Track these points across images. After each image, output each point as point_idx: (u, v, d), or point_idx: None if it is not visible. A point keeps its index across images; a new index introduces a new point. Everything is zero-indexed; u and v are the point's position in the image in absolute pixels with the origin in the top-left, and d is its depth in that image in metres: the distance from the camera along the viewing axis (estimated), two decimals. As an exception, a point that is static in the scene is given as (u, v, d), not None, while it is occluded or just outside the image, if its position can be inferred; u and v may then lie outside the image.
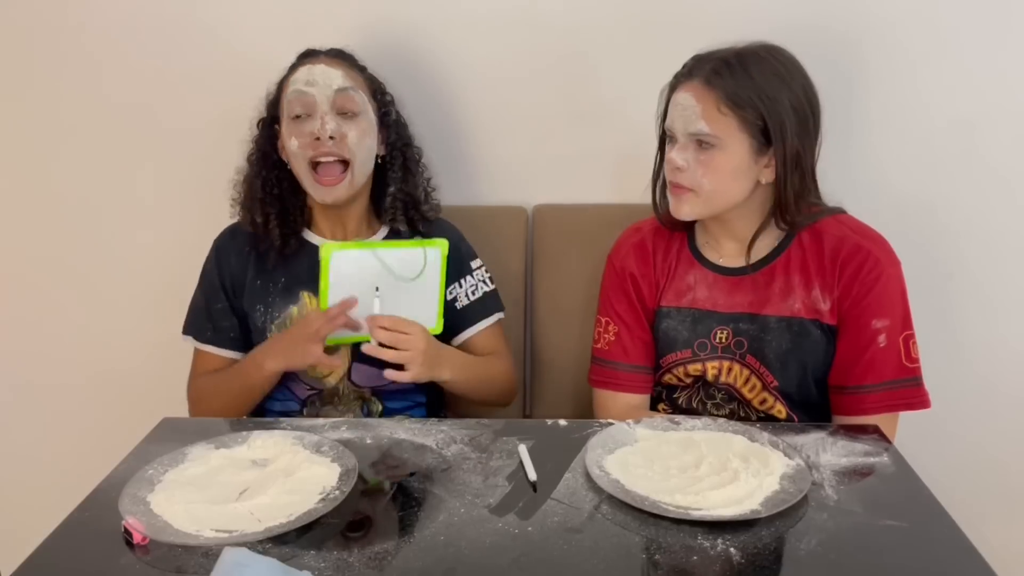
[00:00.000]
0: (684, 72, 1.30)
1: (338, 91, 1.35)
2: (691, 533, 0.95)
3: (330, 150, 1.35)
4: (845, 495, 1.03)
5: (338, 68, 1.38)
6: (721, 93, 1.24)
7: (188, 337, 1.48)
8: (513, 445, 1.16)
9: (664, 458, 1.12)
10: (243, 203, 1.47)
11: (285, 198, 1.45)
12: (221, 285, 1.45)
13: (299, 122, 1.36)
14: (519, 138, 1.70)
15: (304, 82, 1.35)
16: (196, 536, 0.94)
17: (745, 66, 1.25)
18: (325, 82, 1.35)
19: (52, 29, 1.67)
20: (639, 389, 1.42)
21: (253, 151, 1.46)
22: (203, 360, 1.47)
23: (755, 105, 1.24)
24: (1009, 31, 1.56)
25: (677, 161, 1.28)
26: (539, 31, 1.63)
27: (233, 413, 1.40)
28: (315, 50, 1.44)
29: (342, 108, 1.36)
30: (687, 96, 1.27)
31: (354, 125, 1.37)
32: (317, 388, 1.45)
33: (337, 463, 1.09)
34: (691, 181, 1.28)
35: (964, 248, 1.68)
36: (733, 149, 1.26)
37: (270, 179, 1.44)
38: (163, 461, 1.10)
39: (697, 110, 1.25)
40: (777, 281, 1.34)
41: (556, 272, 1.67)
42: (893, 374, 1.28)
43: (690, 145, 1.28)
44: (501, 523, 0.98)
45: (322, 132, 1.34)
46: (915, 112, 1.62)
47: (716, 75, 1.25)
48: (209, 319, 1.45)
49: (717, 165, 1.27)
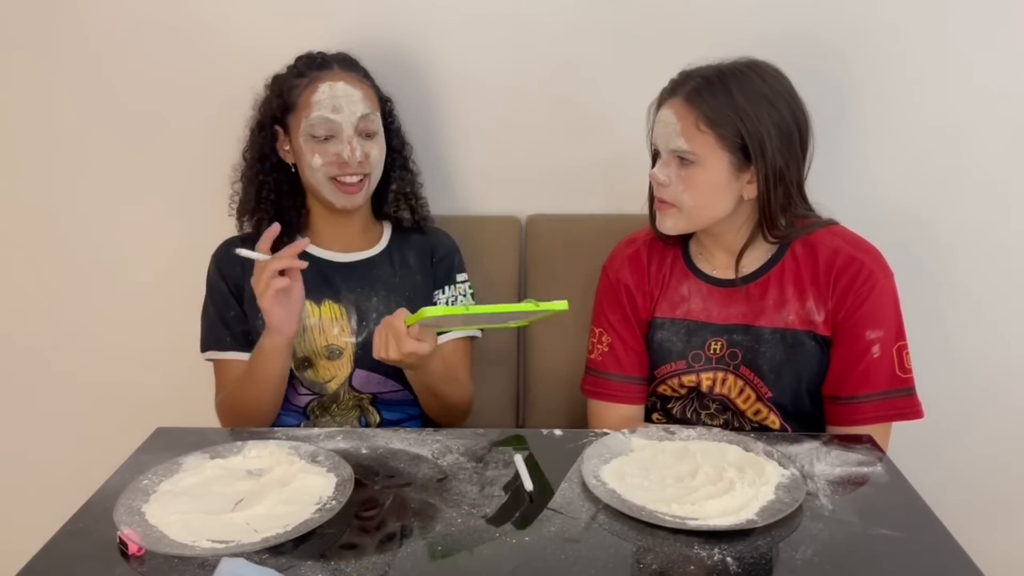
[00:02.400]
0: (668, 89, 1.32)
1: (361, 118, 1.40)
2: (687, 543, 0.96)
3: (355, 170, 1.40)
4: (840, 504, 1.04)
5: (357, 88, 1.41)
6: (700, 111, 1.26)
7: (210, 352, 1.45)
8: (509, 455, 1.16)
9: (660, 468, 1.13)
10: (240, 210, 1.47)
11: (283, 203, 1.46)
12: (230, 292, 1.45)
13: (323, 143, 1.39)
14: (513, 148, 1.71)
15: (331, 108, 1.38)
16: (192, 547, 0.94)
17: (726, 84, 1.27)
18: (350, 109, 1.39)
19: (49, 31, 1.66)
20: (632, 400, 1.43)
21: (249, 156, 1.47)
22: (228, 370, 1.43)
23: (733, 123, 1.26)
24: (998, 43, 1.58)
25: (659, 177, 1.31)
26: (534, 41, 1.64)
27: (262, 410, 1.37)
28: (324, 56, 1.44)
29: (364, 131, 1.41)
30: (668, 113, 1.29)
31: (374, 144, 1.43)
32: (317, 394, 1.45)
33: (333, 473, 1.09)
34: (672, 196, 1.31)
35: (955, 258, 1.69)
36: (712, 165, 1.27)
37: (267, 183, 1.45)
38: (158, 471, 1.10)
39: (677, 127, 1.28)
40: (771, 293, 1.34)
41: (549, 282, 1.67)
42: (887, 385, 1.29)
43: (672, 161, 1.30)
44: (498, 533, 0.98)
45: (351, 158, 1.38)
46: (906, 123, 1.64)
47: (696, 93, 1.27)
48: (227, 327, 1.44)
49: (697, 181, 1.28)
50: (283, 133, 1.44)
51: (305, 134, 1.39)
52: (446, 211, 1.66)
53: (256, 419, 1.38)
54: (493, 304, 1.18)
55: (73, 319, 1.82)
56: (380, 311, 1.44)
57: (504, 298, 1.66)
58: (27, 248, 1.79)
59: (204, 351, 1.46)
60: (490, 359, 1.66)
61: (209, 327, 1.46)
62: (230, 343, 1.43)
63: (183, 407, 1.56)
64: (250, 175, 1.47)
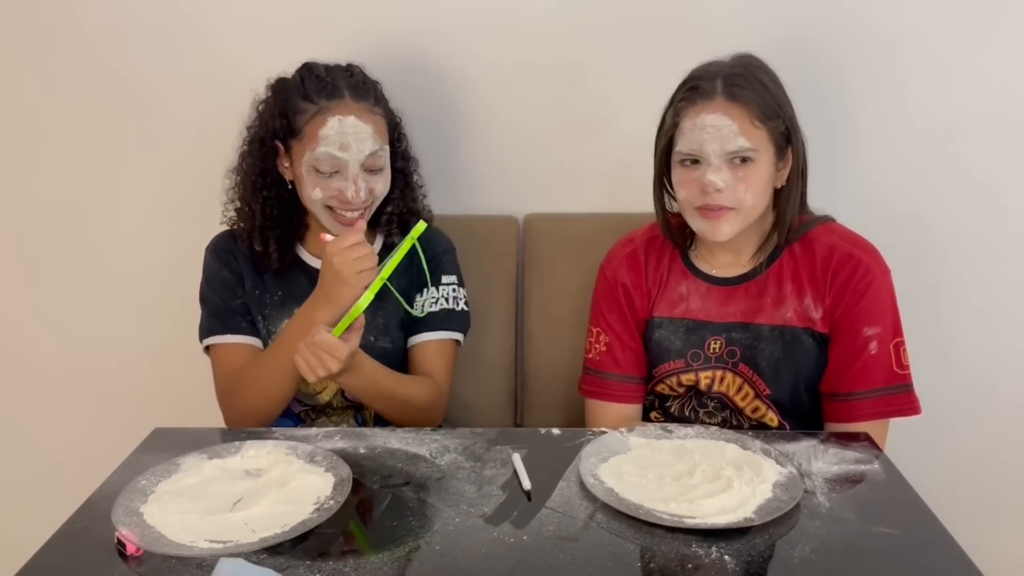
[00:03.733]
0: (702, 93, 1.27)
1: (370, 155, 1.34)
2: (685, 541, 0.96)
3: (358, 207, 1.35)
4: (837, 502, 1.04)
5: (368, 123, 1.34)
6: (751, 108, 1.25)
7: (215, 337, 1.41)
8: (507, 454, 1.16)
9: (658, 466, 1.13)
10: (240, 224, 1.44)
11: (284, 217, 1.43)
12: (235, 279, 1.43)
13: (327, 178, 1.34)
14: (511, 147, 1.71)
15: (338, 146, 1.32)
16: (190, 547, 0.94)
17: (758, 78, 1.28)
18: (358, 147, 1.33)
19: (44, 33, 1.66)
20: (630, 399, 1.43)
21: (249, 169, 1.42)
22: (232, 355, 1.40)
23: (778, 114, 1.27)
24: (992, 42, 1.58)
25: (717, 183, 1.25)
26: (532, 42, 1.64)
27: (276, 398, 1.35)
28: (335, 79, 1.35)
29: (371, 167, 1.36)
30: (718, 116, 1.25)
31: (380, 178, 1.38)
32: (310, 404, 1.45)
33: (331, 473, 1.09)
34: (733, 199, 1.27)
35: (951, 257, 1.70)
36: (765, 160, 1.28)
37: (270, 199, 1.41)
38: (156, 472, 1.10)
39: (735, 128, 1.25)
40: (769, 290, 1.35)
41: (547, 281, 1.67)
42: (884, 381, 1.30)
43: (724, 165, 1.26)
44: (496, 532, 0.98)
45: (355, 198, 1.34)
46: (901, 122, 1.64)
47: (741, 91, 1.26)
48: (235, 312, 1.41)
49: (756, 179, 1.27)
50: (284, 151, 1.39)
51: (308, 165, 1.34)
52: (444, 210, 1.65)
53: (268, 406, 1.35)
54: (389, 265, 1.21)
55: (71, 320, 1.82)
56: (369, 320, 1.40)
57: (503, 299, 1.67)
58: (20, 248, 1.79)
59: (208, 336, 1.42)
60: (488, 359, 1.66)
61: (213, 314, 1.42)
62: (241, 327, 1.41)
63: (181, 407, 1.56)
64: (251, 190, 1.42)
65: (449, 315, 1.47)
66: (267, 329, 1.43)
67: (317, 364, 1.19)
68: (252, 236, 1.42)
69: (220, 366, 1.42)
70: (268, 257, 1.42)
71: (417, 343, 1.46)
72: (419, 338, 1.46)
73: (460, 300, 1.49)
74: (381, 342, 1.43)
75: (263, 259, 1.43)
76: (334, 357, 1.19)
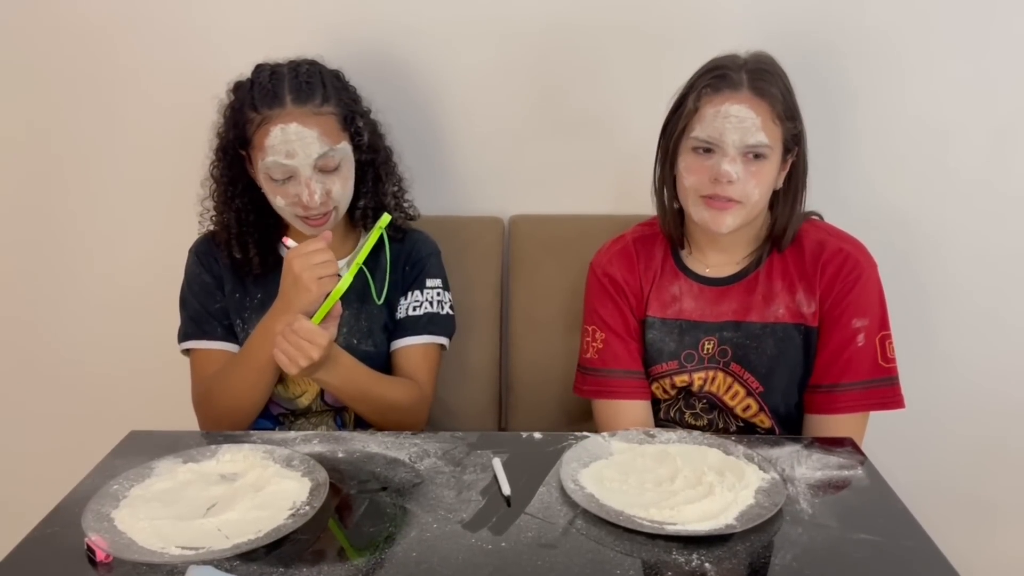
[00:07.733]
0: (730, 82, 1.25)
1: (319, 157, 1.31)
2: (666, 548, 0.94)
3: (319, 209, 1.33)
4: (820, 509, 1.03)
5: (312, 127, 1.30)
6: (775, 103, 1.25)
7: (192, 342, 1.41)
8: (487, 459, 1.14)
9: (639, 472, 1.11)
10: (223, 238, 1.42)
11: (262, 219, 1.41)
12: (214, 285, 1.42)
13: (283, 184, 1.33)
14: (495, 148, 1.69)
15: (284, 154, 1.29)
16: (161, 553, 0.92)
17: (778, 74, 1.27)
18: (305, 152, 1.30)
19: (22, 34, 1.65)
20: (637, 395, 1.39)
21: (219, 177, 1.40)
22: (210, 360, 1.39)
23: (795, 115, 1.27)
24: (989, 42, 1.58)
25: (731, 174, 1.23)
26: (517, 42, 1.63)
27: (245, 407, 1.35)
28: (277, 85, 1.32)
29: (324, 168, 1.33)
30: (742, 108, 1.24)
31: (336, 178, 1.35)
32: (289, 408, 1.43)
33: (308, 478, 1.07)
34: (741, 193, 1.25)
35: (941, 257, 1.69)
36: (775, 159, 1.27)
37: (244, 206, 1.40)
38: (129, 476, 1.08)
39: (757, 122, 1.24)
40: (760, 288, 1.34)
41: (532, 283, 1.66)
42: (869, 374, 1.29)
43: (739, 157, 1.25)
44: (474, 539, 0.97)
45: (311, 201, 1.31)
46: (892, 123, 1.63)
47: (766, 85, 1.25)
48: (212, 317, 1.41)
49: (765, 175, 1.27)
50: (248, 158, 1.37)
51: (263, 174, 1.33)
52: (429, 211, 1.64)
53: (240, 414, 1.34)
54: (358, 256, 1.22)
55: (48, 321, 1.81)
56: (351, 323, 1.41)
57: (487, 301, 1.66)
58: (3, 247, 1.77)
59: (185, 341, 1.41)
60: (472, 361, 1.65)
61: (192, 319, 1.42)
62: (217, 333, 1.41)
63: (158, 409, 1.54)
64: (224, 200, 1.40)
65: (433, 319, 1.45)
66: (246, 333, 1.41)
67: (297, 354, 1.18)
68: (230, 245, 1.40)
69: (195, 371, 1.41)
70: (249, 263, 1.41)
71: (400, 347, 1.44)
72: (402, 342, 1.44)
73: (445, 304, 1.47)
74: (364, 345, 1.42)
75: (244, 264, 1.41)
76: (314, 344, 1.18)
